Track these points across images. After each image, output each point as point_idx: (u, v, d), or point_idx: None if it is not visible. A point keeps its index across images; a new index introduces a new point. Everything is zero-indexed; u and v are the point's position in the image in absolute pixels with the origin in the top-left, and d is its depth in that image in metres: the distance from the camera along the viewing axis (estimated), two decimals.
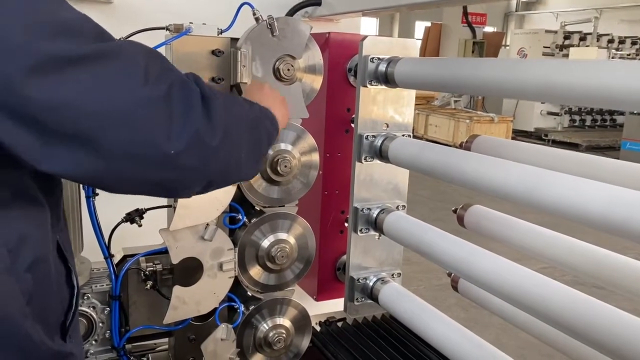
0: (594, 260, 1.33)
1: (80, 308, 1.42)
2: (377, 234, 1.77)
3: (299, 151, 1.60)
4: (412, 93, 1.76)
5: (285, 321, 1.69)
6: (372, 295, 1.77)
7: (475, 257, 1.35)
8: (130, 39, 1.38)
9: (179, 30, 1.46)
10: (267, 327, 1.66)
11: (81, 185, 1.47)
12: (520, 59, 1.72)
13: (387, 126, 1.73)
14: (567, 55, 12.95)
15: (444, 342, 1.50)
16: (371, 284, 1.78)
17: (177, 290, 1.47)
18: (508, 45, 16.59)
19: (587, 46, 13.76)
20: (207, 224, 1.49)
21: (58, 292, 0.98)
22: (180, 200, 1.42)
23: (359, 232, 1.74)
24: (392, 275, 1.83)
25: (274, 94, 1.35)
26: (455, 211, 1.70)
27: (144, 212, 1.55)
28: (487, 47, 14.87)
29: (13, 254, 0.84)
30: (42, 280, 0.90)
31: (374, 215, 1.74)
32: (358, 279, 1.77)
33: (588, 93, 1.00)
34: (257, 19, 1.49)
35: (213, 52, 1.49)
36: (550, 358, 3.56)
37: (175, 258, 1.48)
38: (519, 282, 1.20)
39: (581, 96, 1.02)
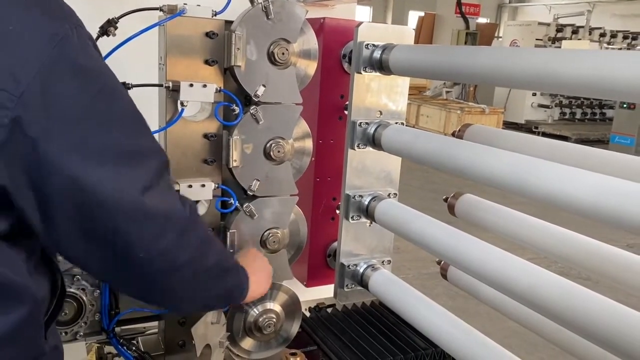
0: (583, 250, 1.34)
1: (69, 290, 1.42)
2: (368, 221, 1.77)
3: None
4: (406, 81, 1.75)
5: (275, 306, 1.70)
6: (362, 282, 1.78)
7: (465, 245, 1.36)
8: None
9: (172, 12, 1.44)
10: (257, 312, 1.66)
11: None
12: (516, 48, 1.72)
13: (381, 114, 1.72)
14: (559, 48, 13.00)
15: (432, 329, 1.51)
16: (361, 270, 1.78)
17: None
18: (501, 37, 16.63)
19: (579, 39, 13.84)
20: None
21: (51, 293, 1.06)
22: None
23: (350, 219, 1.74)
24: (383, 262, 1.83)
25: (265, 265, 1.48)
26: (446, 200, 1.71)
27: None
28: (479, 38, 14.91)
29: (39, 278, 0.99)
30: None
31: (366, 202, 1.74)
32: (348, 266, 1.78)
33: (584, 82, 1.00)
34: (252, 2, 1.47)
35: (207, 34, 1.47)
36: (535, 347, 3.62)
37: None
38: (509, 269, 1.21)
39: (577, 85, 1.03)
